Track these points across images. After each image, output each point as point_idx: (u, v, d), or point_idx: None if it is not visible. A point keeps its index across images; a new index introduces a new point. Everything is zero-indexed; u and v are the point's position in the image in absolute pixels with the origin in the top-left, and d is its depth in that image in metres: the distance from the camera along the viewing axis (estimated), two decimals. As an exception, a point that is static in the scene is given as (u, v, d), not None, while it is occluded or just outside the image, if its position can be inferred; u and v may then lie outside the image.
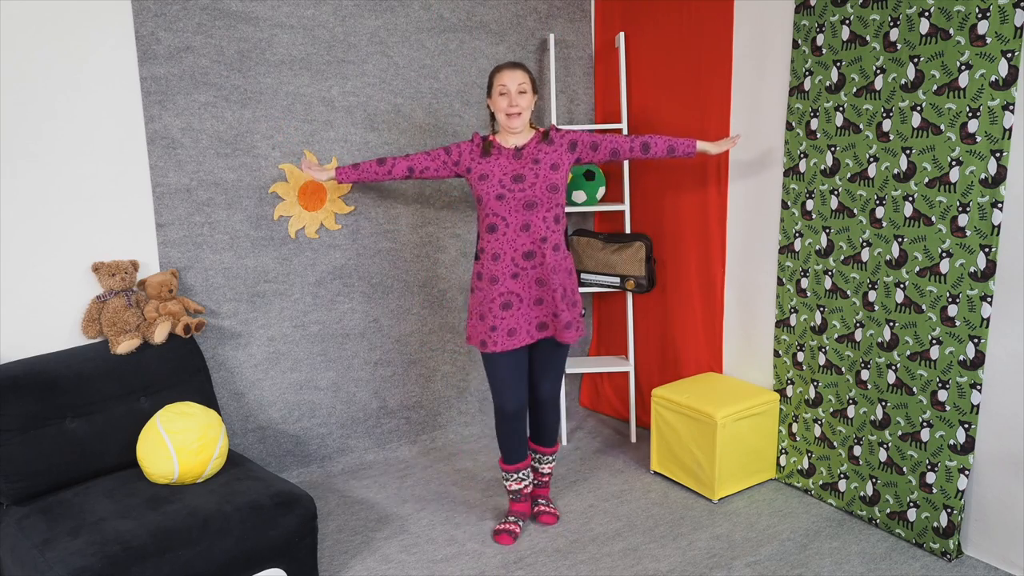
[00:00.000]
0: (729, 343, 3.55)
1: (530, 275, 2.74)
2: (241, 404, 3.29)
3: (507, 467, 2.98)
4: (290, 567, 2.47)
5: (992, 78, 2.47)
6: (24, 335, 2.73)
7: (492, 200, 2.71)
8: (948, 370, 2.68)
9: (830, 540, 2.89)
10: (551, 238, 2.74)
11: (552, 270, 2.74)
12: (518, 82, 2.70)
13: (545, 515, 3.06)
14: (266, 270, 3.28)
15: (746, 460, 3.25)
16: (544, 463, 3.10)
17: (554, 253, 2.75)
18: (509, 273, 2.73)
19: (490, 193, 2.71)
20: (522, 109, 2.71)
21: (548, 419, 3.01)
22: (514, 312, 2.75)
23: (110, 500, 2.39)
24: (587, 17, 4.04)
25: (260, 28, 3.13)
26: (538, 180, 2.70)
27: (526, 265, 2.73)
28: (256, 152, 3.19)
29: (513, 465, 2.97)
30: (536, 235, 2.71)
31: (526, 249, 2.72)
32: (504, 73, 2.72)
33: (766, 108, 3.23)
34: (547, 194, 2.71)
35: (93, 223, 2.85)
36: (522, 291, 2.75)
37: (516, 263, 2.72)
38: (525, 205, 2.70)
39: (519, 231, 2.71)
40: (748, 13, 3.25)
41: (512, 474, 2.99)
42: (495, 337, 2.74)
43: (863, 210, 2.90)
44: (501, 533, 2.96)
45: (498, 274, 2.73)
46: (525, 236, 2.71)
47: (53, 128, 2.74)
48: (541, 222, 2.72)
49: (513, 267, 2.72)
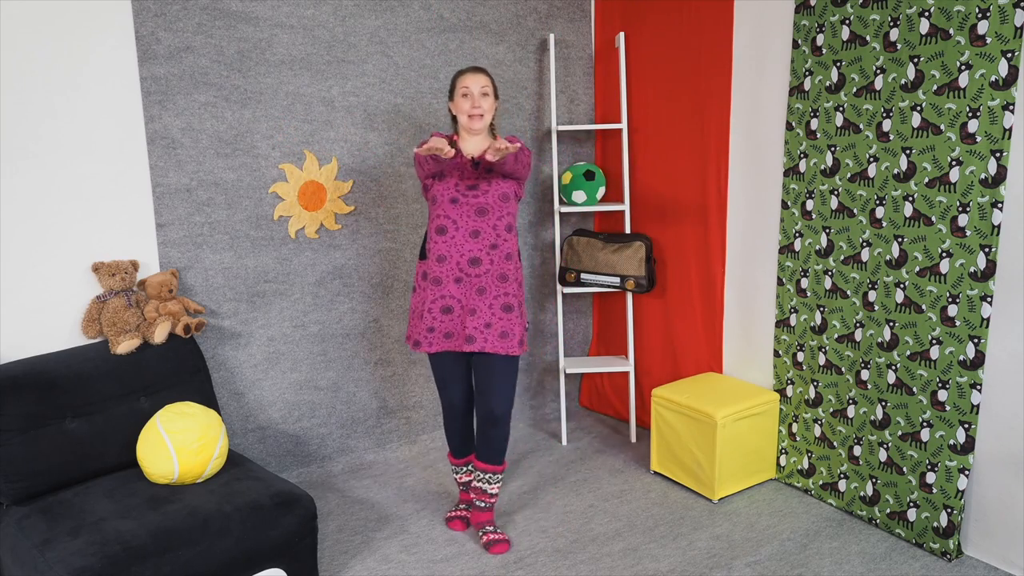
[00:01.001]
0: (729, 343, 3.55)
1: (472, 282, 2.73)
2: (241, 404, 3.29)
3: (455, 461, 3.07)
4: (290, 567, 2.47)
5: (992, 78, 2.47)
6: (24, 335, 2.73)
7: (446, 203, 2.71)
8: (948, 370, 2.68)
9: (830, 540, 2.89)
10: (502, 246, 2.74)
11: (499, 278, 2.74)
12: (481, 85, 2.71)
13: (497, 544, 2.86)
14: (266, 270, 3.27)
15: (746, 460, 3.25)
16: (492, 482, 2.91)
17: (505, 261, 2.76)
18: (453, 277, 2.73)
19: (445, 195, 2.71)
20: (484, 111, 2.72)
21: (492, 436, 2.85)
22: (453, 317, 2.75)
23: (110, 500, 2.39)
24: (587, 17, 4.04)
25: (260, 28, 3.13)
26: (491, 188, 2.71)
27: (470, 271, 2.72)
28: (256, 152, 3.19)
29: (460, 459, 3.06)
30: (485, 242, 2.71)
31: (473, 255, 2.71)
32: (467, 76, 2.73)
33: (766, 108, 3.23)
34: (499, 202, 2.72)
35: (93, 223, 2.85)
36: (462, 297, 2.74)
37: (461, 268, 2.72)
38: (477, 211, 2.71)
39: (468, 236, 2.71)
40: (748, 13, 3.25)
41: (460, 468, 3.08)
42: (431, 338, 2.77)
43: (863, 210, 2.90)
44: (454, 520, 3.05)
45: (442, 276, 2.74)
46: (473, 242, 2.71)
47: (53, 128, 2.73)
48: (491, 229, 2.72)
49: (457, 271, 2.73)
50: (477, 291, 2.74)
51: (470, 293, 2.73)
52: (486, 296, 2.74)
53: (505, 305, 2.76)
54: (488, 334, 2.73)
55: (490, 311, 2.74)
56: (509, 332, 2.75)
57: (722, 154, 3.43)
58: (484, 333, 2.73)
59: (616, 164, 3.98)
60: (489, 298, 2.74)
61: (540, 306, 4.10)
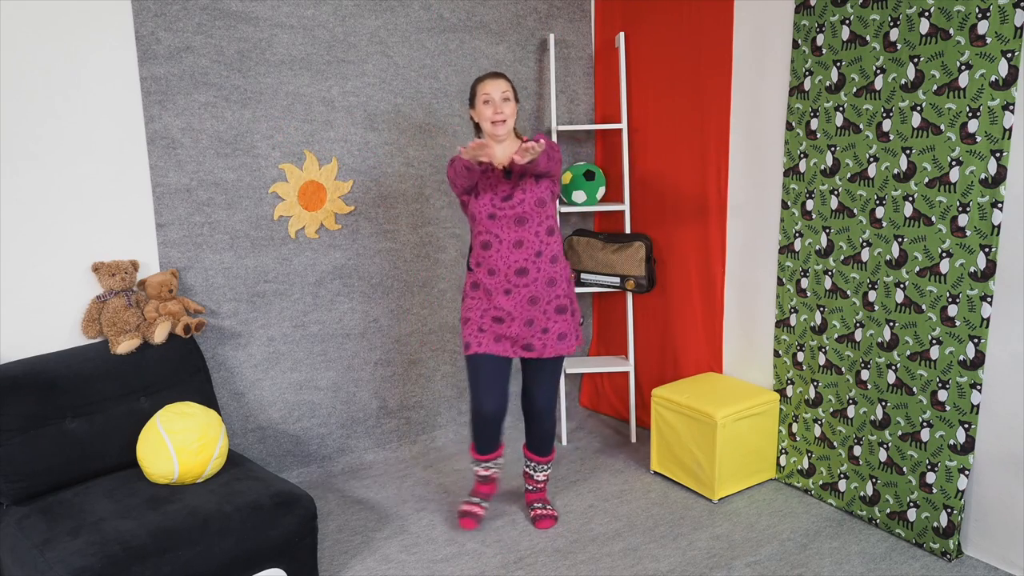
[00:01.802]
0: (729, 343, 3.55)
1: (522, 293, 2.76)
2: (241, 404, 3.29)
3: (479, 456, 3.01)
4: (290, 567, 2.47)
5: (992, 78, 2.47)
6: (24, 335, 2.73)
7: (485, 219, 2.75)
8: (948, 370, 2.68)
9: (830, 540, 2.89)
10: (546, 251, 2.77)
11: (547, 283, 2.77)
12: (501, 90, 2.72)
13: (544, 519, 3.05)
14: (266, 270, 3.28)
15: (746, 460, 3.25)
16: (539, 471, 3.10)
17: (551, 265, 2.78)
18: (502, 289, 2.76)
19: (482, 212, 2.74)
20: (507, 116, 2.72)
21: (545, 429, 3.01)
22: (505, 327, 2.79)
23: (110, 500, 2.39)
24: (587, 17, 4.04)
25: (260, 28, 3.13)
26: (526, 196, 2.72)
27: (519, 282, 2.75)
28: (256, 152, 3.19)
29: (485, 456, 3.01)
30: (530, 251, 2.74)
31: (519, 266, 2.74)
32: (487, 82, 2.75)
33: (766, 108, 3.23)
34: (536, 209, 2.74)
35: (93, 223, 2.85)
36: (514, 309, 2.77)
37: (509, 279, 2.75)
38: (516, 221, 2.72)
39: (512, 248, 2.74)
40: (748, 13, 3.25)
41: (483, 463, 3.03)
42: (481, 339, 2.79)
43: (863, 210, 2.90)
44: (465, 516, 3.02)
45: (492, 288, 2.77)
46: (518, 252, 2.74)
47: (53, 128, 2.74)
48: (534, 237, 2.74)
49: (506, 283, 2.75)
50: (529, 302, 2.77)
51: (522, 304, 2.77)
52: (539, 304, 2.78)
53: (559, 308, 2.81)
54: (547, 339, 2.81)
55: (545, 317, 2.80)
56: (566, 333, 2.84)
57: (722, 154, 3.43)
58: (543, 339, 2.81)
59: (616, 164, 3.98)
60: (543, 304, 2.79)
61: (540, 306, 4.10)
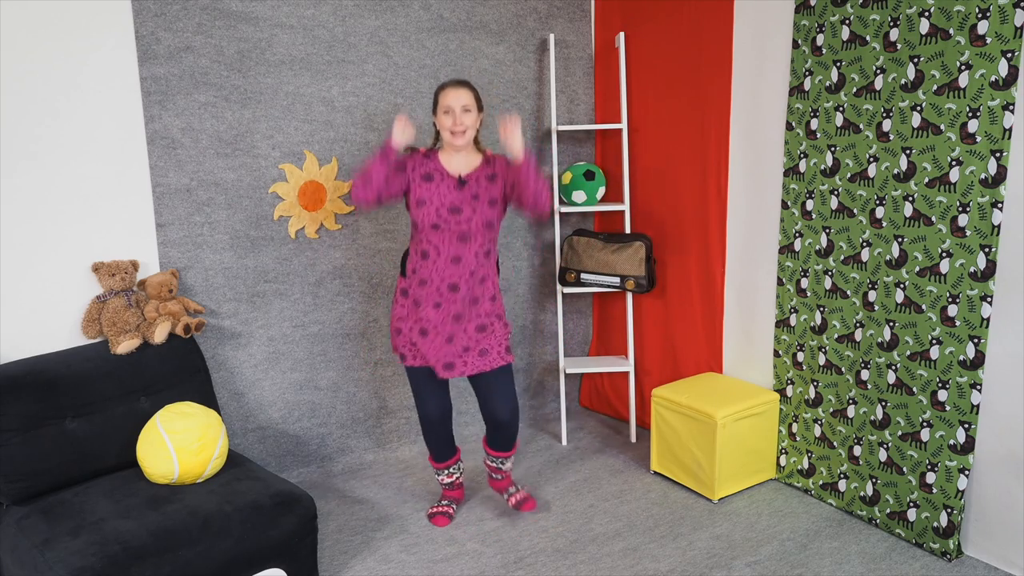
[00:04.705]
0: (729, 343, 3.55)
1: (449, 309, 2.74)
2: (241, 404, 3.29)
3: (437, 465, 3.07)
4: (290, 567, 2.47)
5: (992, 78, 2.47)
6: (24, 335, 2.73)
7: (427, 228, 2.69)
8: (948, 370, 2.68)
9: (830, 540, 2.89)
10: (479, 271, 2.75)
11: (471, 302, 2.76)
12: (462, 102, 2.67)
13: (525, 501, 3.05)
14: (266, 270, 3.28)
15: (746, 460, 3.25)
16: (504, 463, 3.07)
17: (479, 285, 2.76)
18: (432, 302, 2.74)
19: (426, 221, 2.69)
20: (466, 127, 2.68)
21: (508, 433, 2.94)
22: (429, 340, 2.77)
23: (110, 500, 2.39)
24: (587, 17, 4.04)
25: (260, 28, 3.13)
26: (475, 215, 2.69)
27: (450, 297, 2.73)
28: (256, 152, 3.19)
29: (443, 463, 3.06)
30: (466, 268, 2.72)
31: (452, 281, 2.72)
32: (448, 92, 2.68)
33: (766, 108, 3.23)
34: (482, 229, 2.71)
35: (93, 223, 2.85)
36: (439, 324, 2.75)
37: (440, 292, 2.73)
38: (459, 237, 2.69)
39: (449, 262, 2.70)
40: (748, 13, 3.25)
41: (443, 470, 3.08)
42: (415, 352, 2.80)
43: (863, 210, 2.90)
44: (437, 515, 3.05)
45: (422, 299, 2.75)
46: (455, 268, 2.71)
47: (53, 128, 2.74)
48: (473, 257, 2.72)
49: (437, 296, 2.73)
50: (454, 318, 2.75)
51: (447, 319, 2.75)
52: (462, 321, 2.77)
53: (479, 326, 2.79)
54: (467, 357, 2.79)
55: (466, 335, 2.78)
56: (488, 349, 2.80)
57: (722, 154, 3.43)
58: (463, 357, 2.78)
59: (616, 164, 3.98)
60: (464, 322, 2.77)
61: (540, 306, 4.10)
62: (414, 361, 2.81)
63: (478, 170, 2.75)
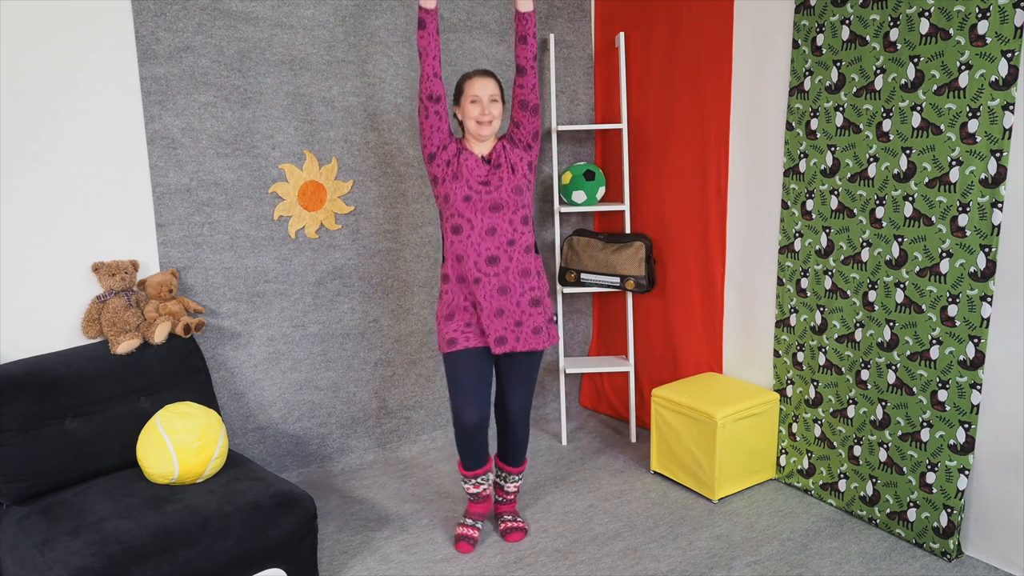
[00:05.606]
0: (729, 343, 3.55)
1: (492, 282, 2.65)
2: (241, 404, 3.29)
3: (467, 472, 2.90)
4: (290, 567, 2.47)
5: (992, 78, 2.47)
6: (24, 335, 2.73)
7: (459, 201, 2.64)
8: (948, 370, 2.68)
9: (830, 540, 2.89)
10: (519, 240, 2.68)
11: (520, 273, 2.68)
12: (490, 92, 2.64)
13: (514, 532, 2.94)
14: (266, 270, 3.28)
15: (746, 460, 3.25)
16: (511, 481, 2.98)
17: (525, 255, 2.69)
18: (472, 278, 2.65)
19: (458, 194, 2.63)
20: (494, 118, 2.65)
21: (517, 438, 2.89)
22: (481, 315, 2.68)
23: (110, 500, 2.39)
24: (587, 17, 4.04)
25: (260, 28, 3.13)
26: (503, 183, 2.65)
27: (489, 271, 2.64)
28: (256, 152, 3.19)
29: (473, 471, 2.89)
30: (503, 239, 2.65)
31: (490, 254, 2.64)
32: (476, 81, 2.65)
33: (766, 108, 3.23)
34: (513, 196, 2.66)
35: (93, 223, 2.85)
36: (483, 299, 2.65)
37: (479, 267, 2.64)
38: (491, 207, 2.64)
39: (484, 235, 2.64)
40: (748, 13, 3.25)
41: (471, 479, 2.91)
42: (468, 333, 2.69)
43: (863, 210, 2.90)
44: (460, 540, 2.89)
45: (465, 274, 2.67)
46: (490, 240, 2.64)
47: (53, 128, 2.74)
48: (508, 225, 2.65)
49: (476, 271, 2.65)
50: (499, 291, 2.66)
51: (492, 293, 2.65)
52: (511, 294, 2.67)
53: (533, 300, 2.70)
54: (520, 332, 2.69)
55: (519, 309, 2.68)
56: (541, 327, 2.72)
57: (722, 154, 3.43)
58: (516, 332, 2.69)
59: (616, 164, 3.98)
60: (516, 295, 2.68)
61: (540, 306, 4.10)
62: (467, 342, 2.68)
63: (496, 148, 2.72)
